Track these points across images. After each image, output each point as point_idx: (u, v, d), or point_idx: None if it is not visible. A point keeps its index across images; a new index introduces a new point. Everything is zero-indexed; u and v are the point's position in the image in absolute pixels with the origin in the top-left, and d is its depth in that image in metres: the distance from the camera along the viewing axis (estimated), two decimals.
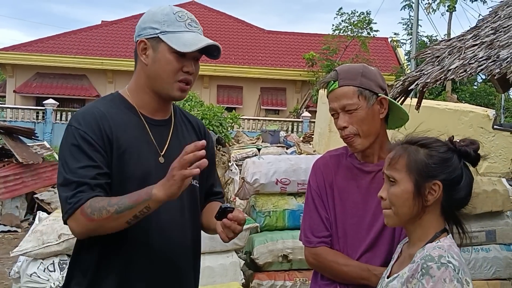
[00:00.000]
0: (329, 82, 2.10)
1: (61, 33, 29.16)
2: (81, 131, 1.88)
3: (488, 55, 3.09)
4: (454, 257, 1.60)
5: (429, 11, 27.58)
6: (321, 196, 2.15)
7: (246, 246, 5.24)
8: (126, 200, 1.77)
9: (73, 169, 1.83)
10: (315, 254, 2.14)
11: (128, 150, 1.92)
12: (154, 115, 2.04)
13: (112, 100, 2.03)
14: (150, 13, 2.02)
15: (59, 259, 4.42)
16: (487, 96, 27.16)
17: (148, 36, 1.96)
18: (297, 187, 5.39)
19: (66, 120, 23.88)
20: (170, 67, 1.94)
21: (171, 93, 1.99)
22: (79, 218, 1.80)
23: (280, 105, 28.67)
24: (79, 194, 1.80)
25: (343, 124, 2.05)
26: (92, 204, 1.78)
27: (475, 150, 1.72)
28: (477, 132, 6.91)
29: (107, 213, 1.77)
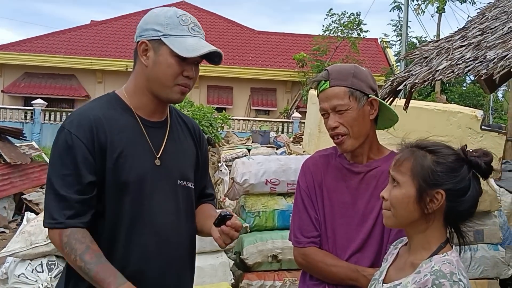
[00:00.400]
0: (320, 82, 2.09)
1: (50, 32, 29.01)
2: (73, 135, 1.87)
3: (475, 56, 3.11)
4: (463, 274, 1.58)
5: (418, 13, 27.74)
6: (310, 196, 2.16)
7: (235, 246, 5.24)
8: (93, 271, 1.76)
9: (60, 177, 1.84)
10: (304, 255, 2.14)
11: (124, 154, 1.91)
12: (151, 117, 2.03)
13: (109, 101, 2.01)
14: (153, 14, 2.00)
15: (48, 260, 4.39)
16: (476, 97, 27.34)
17: (150, 38, 1.94)
18: (286, 187, 5.40)
19: (54, 120, 23.74)
20: (170, 70, 1.93)
21: (170, 96, 1.98)
22: (55, 236, 1.84)
23: (270, 105, 28.68)
24: (64, 212, 1.81)
25: (333, 124, 2.05)
26: (70, 237, 1.80)
27: (487, 162, 1.66)
28: (466, 133, 6.93)
29: (74, 259, 1.80)
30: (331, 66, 2.14)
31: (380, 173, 2.09)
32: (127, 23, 29.75)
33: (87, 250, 1.79)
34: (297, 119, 24.85)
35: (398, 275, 1.71)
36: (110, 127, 1.91)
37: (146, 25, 1.97)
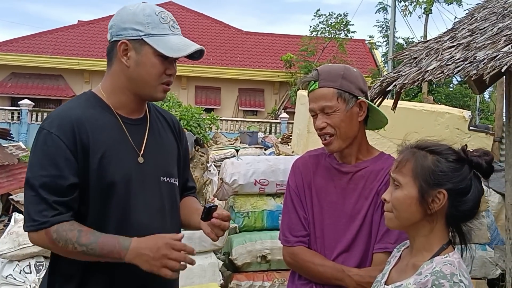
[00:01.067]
0: (309, 82, 2.10)
1: (36, 32, 28.76)
2: (53, 135, 1.82)
3: (465, 56, 3.13)
4: (465, 275, 1.57)
5: (406, 14, 27.89)
6: (300, 196, 2.16)
7: (224, 247, 5.24)
8: (97, 248, 1.77)
9: (39, 178, 1.79)
10: (292, 254, 2.14)
11: (107, 154, 1.88)
12: (130, 115, 1.99)
13: (88, 100, 1.97)
14: (130, 12, 1.93)
15: (36, 261, 4.37)
16: (463, 98, 27.53)
17: (130, 38, 1.90)
18: (275, 187, 5.41)
19: (41, 120, 23.48)
20: (155, 70, 1.91)
21: (155, 95, 1.97)
22: (42, 236, 1.79)
23: (258, 106, 28.67)
24: (45, 213, 1.77)
25: (321, 125, 2.06)
26: (59, 231, 1.77)
27: (488, 161, 1.66)
28: (453, 133, 7.00)
29: (73, 248, 1.77)
30: (322, 67, 2.14)
31: (369, 173, 2.10)
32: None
33: (81, 234, 1.77)
34: (285, 119, 24.87)
35: (400, 277, 1.71)
36: (91, 126, 1.88)
37: (124, 24, 1.91)
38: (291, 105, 25.05)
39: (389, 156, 2.17)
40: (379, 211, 2.02)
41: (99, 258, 1.79)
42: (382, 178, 2.06)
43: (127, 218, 1.90)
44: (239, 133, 18.05)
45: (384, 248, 2.01)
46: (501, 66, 2.59)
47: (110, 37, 1.96)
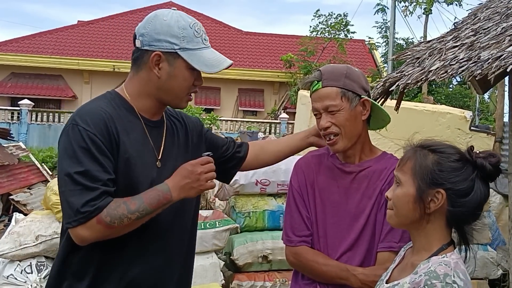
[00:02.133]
0: (312, 82, 2.10)
1: (36, 32, 28.73)
2: (90, 133, 1.82)
3: (469, 56, 3.12)
4: (460, 276, 1.54)
5: (406, 14, 27.89)
6: (303, 196, 2.16)
7: (226, 247, 5.23)
8: (147, 206, 1.81)
9: (83, 172, 1.78)
10: (296, 253, 2.14)
11: (133, 155, 1.90)
12: (152, 117, 2.03)
13: (113, 100, 1.98)
14: (164, 23, 1.93)
15: (37, 261, 4.37)
16: (462, 98, 27.54)
17: (164, 50, 1.92)
18: (276, 188, 5.40)
19: (41, 121, 23.53)
20: (186, 83, 1.96)
21: (180, 105, 2.03)
22: (94, 226, 1.76)
23: (257, 106, 28.67)
24: (93, 202, 1.76)
25: (326, 124, 2.06)
26: (110, 212, 1.77)
27: (493, 163, 1.63)
28: (455, 134, 6.98)
29: (128, 220, 1.79)
30: (324, 67, 2.14)
31: (372, 173, 2.10)
32: (114, 24, 29.61)
33: (127, 204, 1.80)
34: (284, 120, 24.87)
35: (400, 276, 1.70)
36: (120, 127, 1.90)
37: (158, 35, 1.92)
38: (291, 105, 25.06)
39: (391, 156, 2.18)
40: (382, 211, 2.02)
41: (152, 214, 1.84)
42: (386, 178, 2.06)
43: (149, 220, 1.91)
44: (239, 133, 18.06)
45: (388, 247, 2.01)
46: (506, 66, 2.58)
47: (140, 44, 1.96)
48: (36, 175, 8.96)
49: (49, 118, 23.64)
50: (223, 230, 5.00)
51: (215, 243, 4.96)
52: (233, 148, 2.34)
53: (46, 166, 10.12)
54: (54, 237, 4.40)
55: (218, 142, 2.32)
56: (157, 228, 1.95)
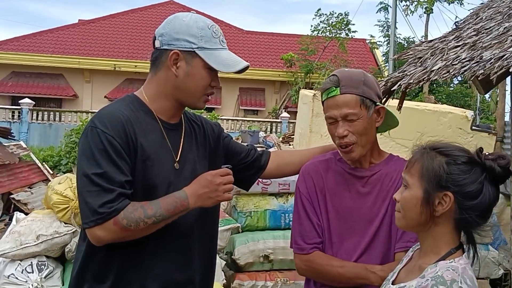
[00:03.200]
0: (329, 88, 2.04)
1: (37, 31, 28.72)
2: (108, 135, 1.85)
3: (471, 56, 3.11)
4: (467, 282, 1.51)
5: (407, 13, 27.88)
6: (312, 202, 2.12)
7: (227, 246, 5.22)
8: (164, 211, 1.83)
9: (101, 174, 1.80)
10: (308, 261, 2.09)
11: (151, 157, 1.92)
12: (170, 120, 2.05)
13: (131, 103, 2.01)
14: (183, 23, 2.00)
15: (38, 260, 4.36)
16: (463, 97, 27.54)
17: (182, 49, 1.96)
18: (278, 187, 5.39)
19: (42, 120, 23.53)
20: (203, 82, 1.98)
21: (198, 105, 2.05)
22: (111, 228, 1.79)
23: (258, 105, 28.67)
24: (111, 204, 1.78)
25: (344, 133, 2.01)
26: (126, 215, 1.79)
27: (502, 165, 1.60)
28: (456, 133, 6.98)
29: (144, 224, 1.81)
30: (340, 72, 2.09)
31: (384, 176, 2.08)
32: (115, 23, 29.60)
33: (144, 209, 1.82)
34: (285, 119, 24.86)
35: (407, 277, 1.69)
36: (138, 129, 1.92)
37: (177, 34, 1.97)
38: (292, 104, 25.03)
39: (398, 158, 2.16)
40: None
41: (168, 220, 1.86)
42: (397, 180, 2.04)
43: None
44: (240, 132, 18.04)
45: (405, 246, 1.98)
46: (508, 66, 2.57)
47: (159, 44, 2.01)
48: (37, 174, 8.95)
49: (50, 117, 23.64)
50: (224, 230, 4.99)
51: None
52: (253, 157, 2.35)
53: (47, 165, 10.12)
54: (55, 237, 4.39)
55: (237, 149, 2.33)
56: (176, 230, 1.97)
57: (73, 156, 13.01)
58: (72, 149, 13.11)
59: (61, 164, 13.11)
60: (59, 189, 4.50)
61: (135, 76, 26.69)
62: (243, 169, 2.33)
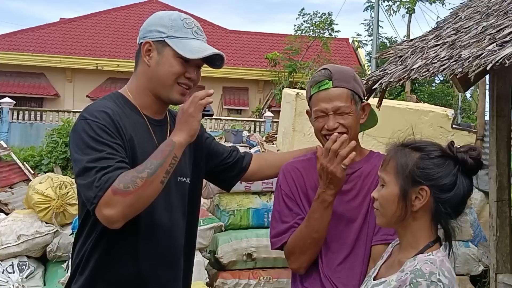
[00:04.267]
0: (321, 81, 2.03)
1: (18, 30, 28.39)
2: (99, 124, 1.85)
3: (450, 55, 3.15)
4: (445, 274, 1.55)
5: (390, 13, 28.08)
6: (295, 199, 2.12)
7: (210, 245, 5.23)
8: (153, 160, 1.81)
9: (96, 158, 1.79)
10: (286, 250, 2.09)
11: (139, 152, 1.92)
12: (154, 116, 2.06)
13: (117, 100, 2.02)
14: (157, 16, 2.05)
15: (19, 261, 4.33)
16: (445, 96, 27.78)
17: (154, 39, 1.99)
18: (261, 186, 5.41)
19: (23, 119, 23.28)
20: (173, 70, 1.98)
21: (171, 96, 2.02)
22: (113, 199, 1.74)
23: (242, 104, 28.67)
24: (105, 176, 1.75)
25: (334, 125, 2.01)
26: (121, 180, 1.75)
27: (474, 157, 1.64)
28: (437, 131, 7.06)
29: (141, 180, 1.77)
30: (331, 66, 2.08)
31: (363, 173, 2.09)
32: (97, 21, 29.39)
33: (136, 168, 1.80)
34: (269, 118, 24.88)
35: (387, 273, 1.71)
36: (125, 124, 1.92)
37: (150, 26, 2.02)
38: (276, 103, 25.07)
39: (378, 154, 2.17)
40: None
41: (163, 167, 1.81)
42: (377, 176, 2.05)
43: (152, 216, 1.94)
44: (223, 131, 18.02)
45: (383, 240, 1.99)
46: (486, 64, 2.60)
47: (138, 40, 2.05)
48: (17, 174, 8.86)
49: (31, 116, 23.38)
50: (207, 229, 5.00)
51: (199, 242, 4.94)
52: (235, 158, 2.35)
53: (28, 165, 10.03)
54: (36, 237, 4.37)
55: (219, 150, 2.33)
56: (163, 228, 1.99)
57: (55, 156, 12.91)
58: (54, 149, 13.01)
59: (42, 164, 12.99)
60: (40, 189, 4.48)
61: (117, 75, 26.52)
62: (225, 170, 2.33)
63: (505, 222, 3.86)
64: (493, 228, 3.88)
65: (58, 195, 4.43)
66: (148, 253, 1.96)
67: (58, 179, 4.62)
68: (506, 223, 3.86)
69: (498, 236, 3.86)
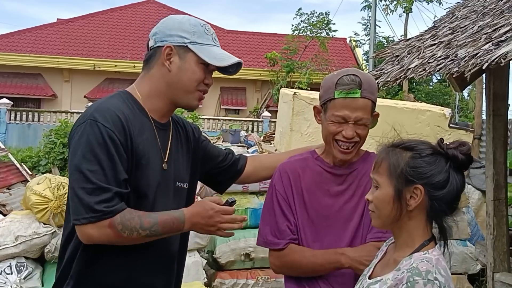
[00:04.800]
0: (351, 88, 1.99)
1: (15, 31, 28.34)
2: (109, 130, 1.82)
3: (446, 54, 3.16)
4: (441, 273, 1.56)
5: (387, 12, 28.11)
6: (288, 201, 2.12)
7: (208, 245, 5.23)
8: (159, 228, 1.83)
9: (98, 171, 1.77)
10: (283, 256, 2.10)
11: (145, 157, 1.91)
12: (160, 119, 2.04)
13: (127, 100, 1.98)
14: (176, 21, 2.02)
15: (17, 262, 4.32)
16: (442, 95, 27.85)
17: (175, 44, 1.97)
18: (259, 186, 5.41)
19: (20, 120, 23.25)
20: (195, 77, 1.98)
21: (191, 102, 2.03)
22: (104, 229, 1.76)
23: (240, 104, 28.66)
24: (107, 204, 1.75)
25: (353, 135, 2.01)
26: (123, 221, 1.77)
27: (464, 152, 1.65)
28: (434, 131, 7.07)
29: (138, 235, 1.80)
30: (360, 74, 2.04)
31: (362, 173, 2.10)
32: (94, 22, 29.35)
33: (141, 219, 1.81)
34: (267, 118, 24.88)
35: (382, 271, 1.72)
36: (135, 127, 1.91)
37: (170, 31, 1.99)
38: (274, 103, 25.06)
39: (374, 154, 2.18)
40: None
41: (160, 237, 1.86)
42: None
43: None
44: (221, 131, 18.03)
45: (376, 237, 2.00)
46: (482, 64, 2.62)
47: (153, 43, 2.01)
48: (15, 175, 8.85)
49: (29, 117, 23.36)
50: None
51: (197, 242, 4.95)
52: (230, 161, 2.34)
53: (25, 166, 10.01)
54: (34, 238, 4.36)
55: (214, 153, 2.33)
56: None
57: (52, 156, 12.88)
58: (51, 149, 12.98)
59: (40, 164, 12.96)
60: (38, 190, 4.47)
61: (115, 75, 26.50)
62: (220, 173, 2.34)
63: (502, 220, 3.87)
64: (490, 226, 3.89)
65: (56, 196, 4.42)
66: (143, 260, 1.95)
67: (56, 180, 4.61)
68: (503, 221, 3.87)
69: (495, 235, 3.87)
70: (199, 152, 2.25)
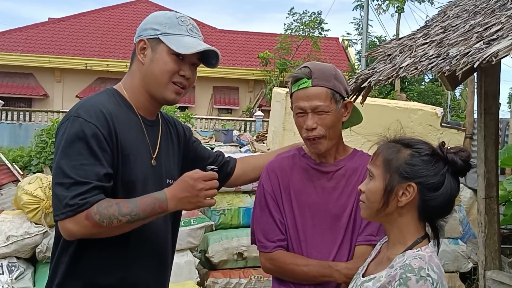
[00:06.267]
0: (301, 79, 2.03)
1: (6, 30, 28.21)
2: (91, 125, 1.80)
3: (438, 53, 3.17)
4: (434, 269, 1.57)
5: (379, 12, 28.20)
6: (276, 199, 2.11)
7: (201, 244, 5.23)
8: (140, 211, 1.78)
9: (77, 166, 1.76)
10: (272, 259, 2.10)
11: (132, 153, 1.90)
12: (148, 116, 2.03)
13: (113, 97, 1.98)
14: (153, 15, 2.04)
15: (8, 262, 4.30)
16: (434, 95, 27.95)
17: (148, 37, 1.97)
18: (251, 185, 5.40)
19: (12, 119, 23.14)
20: (167, 67, 1.94)
21: (165, 95, 1.98)
22: (82, 222, 1.74)
23: (232, 104, 28.65)
24: (83, 196, 1.73)
25: (313, 125, 2.00)
26: (100, 210, 1.74)
27: (463, 158, 1.66)
28: (426, 130, 7.11)
29: (118, 222, 1.76)
30: (312, 64, 2.07)
31: (348, 171, 2.09)
32: (86, 21, 29.24)
33: (119, 206, 1.77)
34: (259, 117, 24.88)
35: (376, 269, 1.73)
36: (120, 123, 1.89)
37: (146, 25, 2.00)
38: (266, 103, 25.08)
39: (362, 153, 2.18)
40: None
41: (144, 220, 1.81)
42: (362, 175, 2.05)
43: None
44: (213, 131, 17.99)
45: (367, 240, 2.01)
46: (473, 62, 2.62)
47: (134, 39, 2.03)
48: (6, 175, 8.81)
49: (20, 117, 23.26)
50: (198, 228, 5.00)
51: (190, 241, 4.94)
52: (220, 163, 2.33)
53: (16, 166, 9.96)
54: (26, 237, 4.34)
55: (204, 154, 2.32)
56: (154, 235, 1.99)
57: (44, 156, 12.81)
58: (43, 149, 12.91)
59: (31, 164, 12.88)
60: (29, 189, 4.45)
61: (107, 75, 26.42)
62: None
63: (493, 219, 3.89)
64: (481, 225, 3.91)
65: (47, 195, 4.40)
66: (137, 257, 1.95)
67: (47, 179, 4.59)
68: (494, 220, 3.89)
69: (486, 233, 3.88)
70: (190, 153, 2.24)
